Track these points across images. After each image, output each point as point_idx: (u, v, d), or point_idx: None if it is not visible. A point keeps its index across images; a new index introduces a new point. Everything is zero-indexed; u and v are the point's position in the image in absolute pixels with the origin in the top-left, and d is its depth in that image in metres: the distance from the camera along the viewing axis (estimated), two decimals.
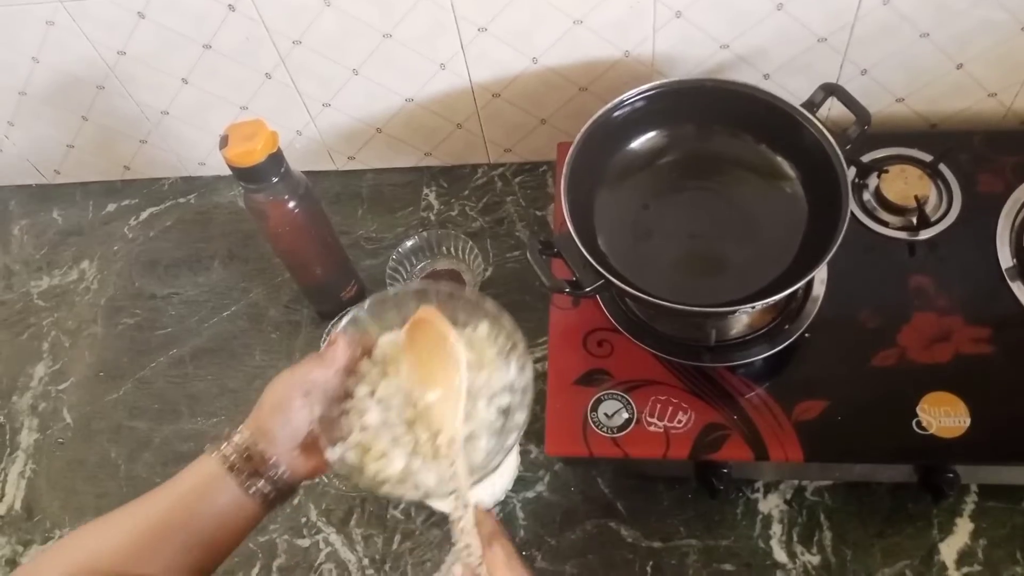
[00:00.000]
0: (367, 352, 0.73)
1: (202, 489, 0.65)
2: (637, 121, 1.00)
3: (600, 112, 0.95)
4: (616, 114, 0.97)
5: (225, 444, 0.67)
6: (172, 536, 0.64)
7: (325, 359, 0.70)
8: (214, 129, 1.21)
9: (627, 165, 1.01)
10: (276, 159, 0.92)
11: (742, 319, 0.98)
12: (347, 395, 0.72)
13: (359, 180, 1.28)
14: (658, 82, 0.97)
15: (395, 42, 1.05)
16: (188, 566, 0.64)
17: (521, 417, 0.71)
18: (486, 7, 1.01)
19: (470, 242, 1.13)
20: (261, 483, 0.66)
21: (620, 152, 1.02)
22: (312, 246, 1.04)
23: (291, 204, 0.96)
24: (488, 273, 1.14)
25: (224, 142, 0.90)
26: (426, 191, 1.25)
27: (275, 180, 0.93)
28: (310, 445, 0.69)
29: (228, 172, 0.92)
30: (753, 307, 0.89)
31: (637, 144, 1.02)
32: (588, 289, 0.90)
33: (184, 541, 0.64)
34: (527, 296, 1.12)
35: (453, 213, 1.22)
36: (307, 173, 1.25)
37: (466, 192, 1.24)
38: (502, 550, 0.60)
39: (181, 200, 1.31)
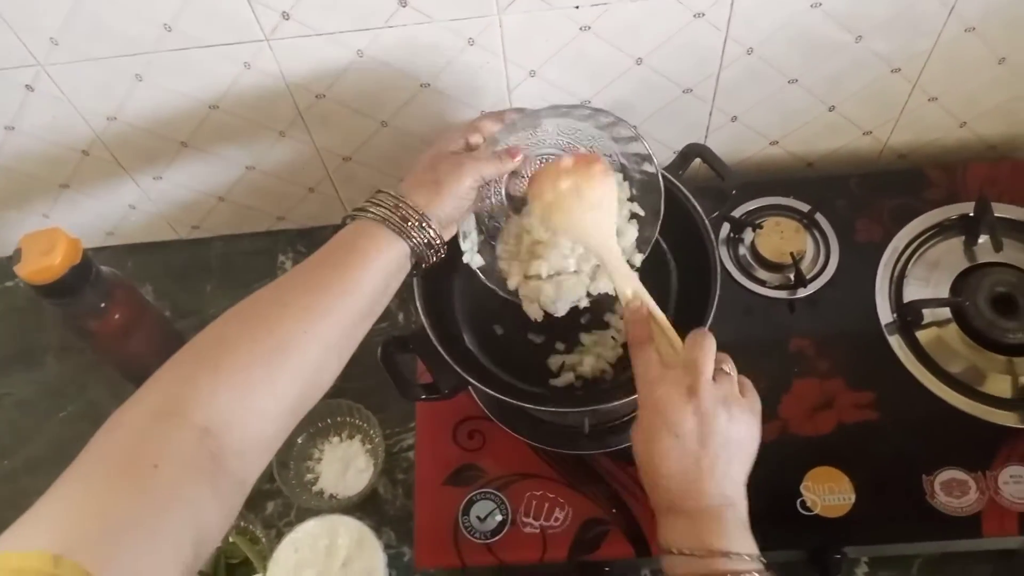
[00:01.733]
0: None
1: (375, 250, 0.66)
2: None
3: None
4: None
5: (388, 211, 0.67)
6: (348, 296, 0.64)
7: (504, 163, 0.73)
8: (36, 208, 1.09)
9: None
10: (82, 268, 0.81)
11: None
12: None
13: (207, 249, 1.16)
14: None
15: (223, 112, 0.94)
16: (356, 324, 0.66)
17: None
18: (321, 75, 0.91)
19: None
20: (416, 240, 0.68)
21: None
22: (143, 347, 0.93)
23: (109, 311, 0.85)
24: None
25: (17, 257, 0.78)
26: (282, 258, 1.15)
27: (85, 290, 0.83)
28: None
29: None
30: (622, 402, 0.83)
31: None
32: (447, 391, 0.83)
33: (360, 302, 0.65)
34: None
35: None
36: (148, 245, 1.17)
37: None
38: None
39: (9, 283, 1.17)
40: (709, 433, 0.63)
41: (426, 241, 0.69)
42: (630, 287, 0.72)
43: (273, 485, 0.95)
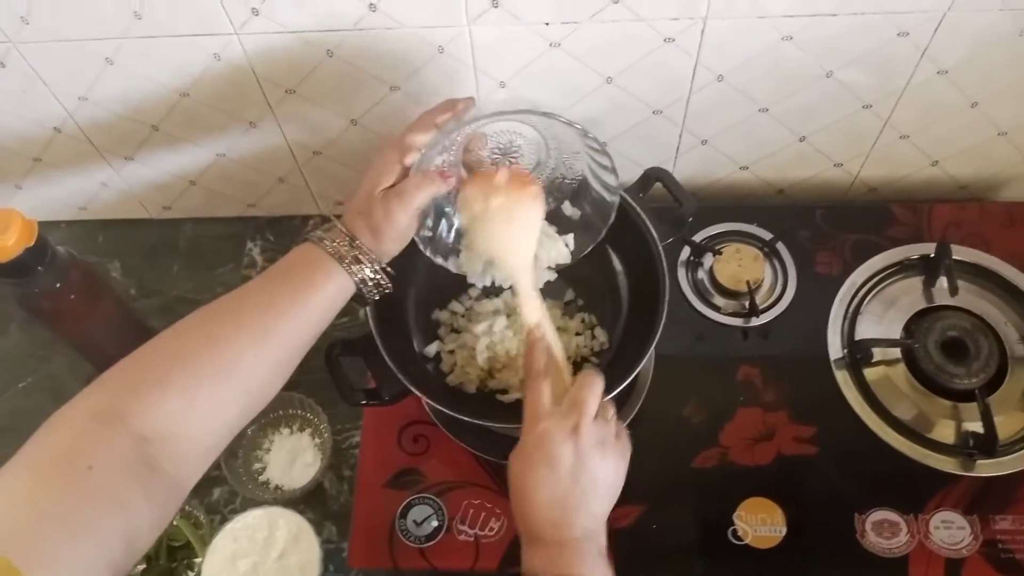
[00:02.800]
0: None
1: (332, 285, 0.68)
2: None
3: None
4: None
5: (344, 248, 0.69)
6: (300, 323, 0.67)
7: (437, 186, 0.71)
8: (9, 179, 1.10)
9: None
10: (38, 249, 0.81)
11: None
12: None
13: (177, 230, 1.17)
14: None
15: (194, 101, 0.95)
16: (303, 347, 0.69)
17: None
18: (291, 71, 0.91)
19: None
20: (366, 279, 0.70)
21: None
22: (99, 329, 0.94)
23: (63, 292, 0.86)
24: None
25: None
26: (251, 244, 1.15)
27: (40, 270, 0.83)
28: None
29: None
30: None
31: None
32: (388, 399, 0.84)
33: (310, 330, 0.69)
34: None
35: None
36: (120, 222, 1.17)
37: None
38: None
39: None
40: (582, 471, 0.66)
41: (375, 282, 0.71)
42: (536, 316, 0.74)
43: (221, 472, 0.97)
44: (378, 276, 0.71)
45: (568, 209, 0.82)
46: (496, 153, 0.78)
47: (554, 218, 0.82)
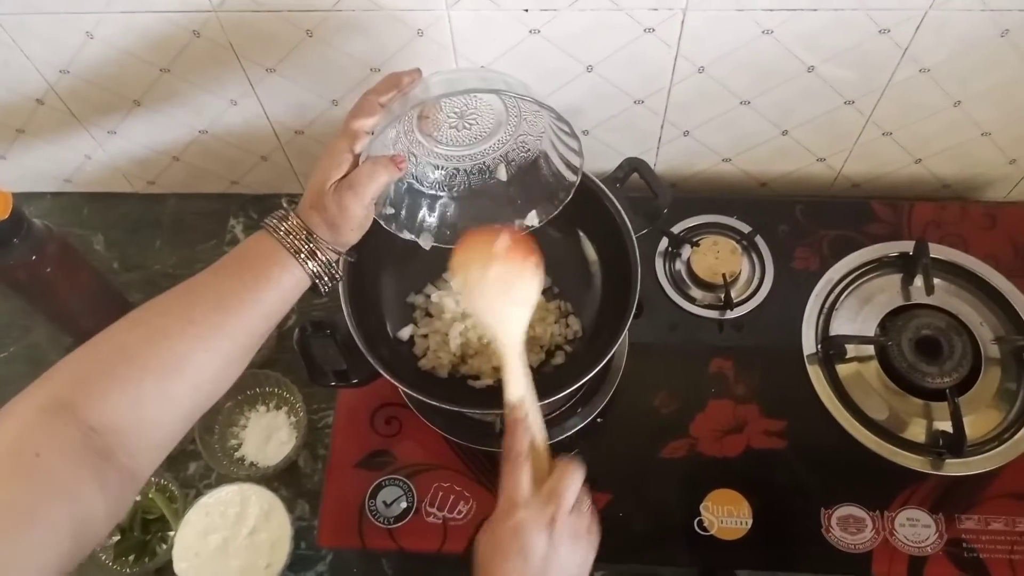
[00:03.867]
0: None
1: (287, 279, 0.67)
2: None
3: None
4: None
5: (300, 242, 0.68)
6: (253, 318, 0.66)
7: (391, 172, 0.69)
8: None
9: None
10: (13, 222, 0.82)
11: None
12: None
13: (161, 206, 1.17)
14: None
15: (175, 77, 0.95)
16: (256, 340, 0.67)
17: None
18: (271, 50, 0.91)
19: None
20: (321, 273, 0.70)
21: None
22: (76, 302, 0.94)
23: (40, 265, 0.86)
24: (291, 321, 1.07)
25: None
26: (233, 222, 1.16)
27: (16, 243, 0.84)
28: None
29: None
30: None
31: None
32: (356, 381, 0.84)
33: (263, 324, 0.67)
34: None
35: None
36: (104, 195, 1.18)
37: None
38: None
39: None
40: (553, 562, 0.65)
41: (330, 275, 0.70)
42: (520, 392, 0.70)
43: (196, 447, 0.97)
44: (333, 269, 0.70)
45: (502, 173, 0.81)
46: (452, 116, 0.76)
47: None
